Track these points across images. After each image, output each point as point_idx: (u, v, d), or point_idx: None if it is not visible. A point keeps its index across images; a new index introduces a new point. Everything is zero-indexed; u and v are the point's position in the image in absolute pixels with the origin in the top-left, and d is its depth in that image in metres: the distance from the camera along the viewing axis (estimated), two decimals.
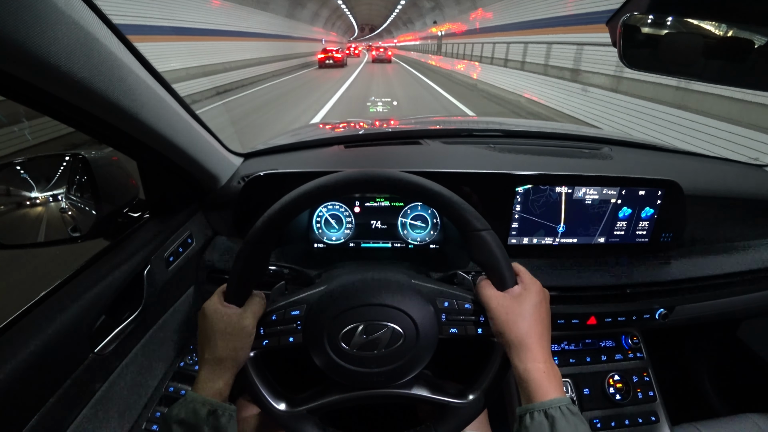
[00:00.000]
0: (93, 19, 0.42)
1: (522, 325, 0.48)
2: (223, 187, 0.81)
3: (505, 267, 0.51)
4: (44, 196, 0.63)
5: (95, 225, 0.64)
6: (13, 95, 0.41)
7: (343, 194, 0.53)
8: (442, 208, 0.51)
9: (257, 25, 15.85)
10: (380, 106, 8.00)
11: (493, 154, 0.91)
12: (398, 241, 0.85)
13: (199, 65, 10.07)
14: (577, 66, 7.37)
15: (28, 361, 0.45)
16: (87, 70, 0.41)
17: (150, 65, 0.54)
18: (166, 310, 0.73)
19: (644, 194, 0.79)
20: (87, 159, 0.64)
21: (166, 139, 0.59)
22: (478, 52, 14.87)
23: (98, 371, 0.56)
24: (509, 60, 11.31)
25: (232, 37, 13.16)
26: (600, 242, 0.83)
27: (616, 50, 0.60)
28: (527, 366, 0.46)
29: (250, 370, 0.53)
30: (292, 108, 7.87)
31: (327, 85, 11.96)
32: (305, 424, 0.54)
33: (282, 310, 0.54)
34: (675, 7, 0.55)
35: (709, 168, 1.01)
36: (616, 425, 0.80)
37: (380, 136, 1.16)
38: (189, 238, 0.77)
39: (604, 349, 0.88)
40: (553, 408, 0.43)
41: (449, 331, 0.53)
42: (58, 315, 0.50)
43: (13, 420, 0.44)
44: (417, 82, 13.68)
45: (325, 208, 0.84)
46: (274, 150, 0.98)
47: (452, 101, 9.07)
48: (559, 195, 0.79)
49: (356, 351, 0.51)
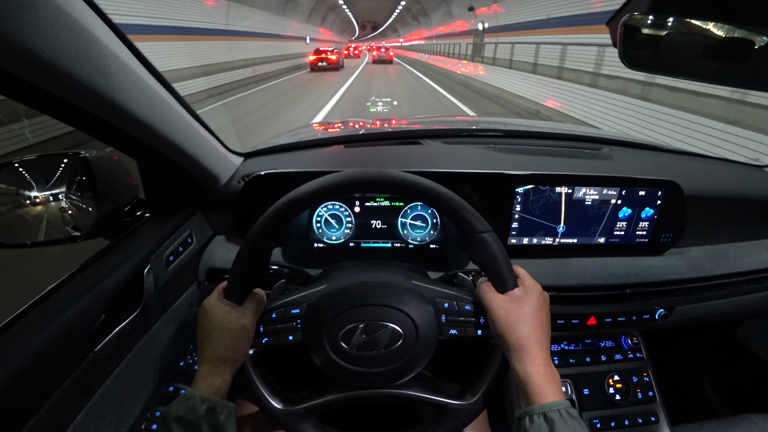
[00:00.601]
0: (93, 18, 0.42)
1: (522, 328, 0.48)
2: (223, 186, 0.81)
3: (506, 269, 0.51)
4: (44, 196, 0.63)
5: (95, 224, 0.64)
6: (13, 94, 0.41)
7: (345, 194, 0.53)
8: (443, 209, 0.51)
9: (228, 22, 12.37)
10: (380, 106, 8.00)
11: (494, 154, 0.91)
12: (398, 241, 0.85)
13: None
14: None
15: (28, 360, 0.45)
16: (87, 70, 0.41)
17: (150, 64, 0.54)
18: (165, 310, 0.73)
19: (644, 194, 0.79)
20: (87, 158, 0.64)
21: (166, 139, 0.59)
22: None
23: (98, 371, 0.56)
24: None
25: (199, 36, 10.12)
26: (600, 242, 0.83)
27: (617, 51, 0.60)
28: (527, 369, 0.46)
29: (248, 367, 0.53)
30: (267, 129, 6.17)
31: (316, 94, 9.93)
32: (303, 422, 0.54)
33: (282, 309, 0.54)
34: (675, 7, 0.55)
35: (709, 168, 1.01)
36: (615, 425, 0.80)
37: (380, 135, 1.16)
38: (189, 238, 0.77)
39: (603, 349, 0.88)
40: (552, 411, 0.43)
41: (449, 332, 0.53)
42: (58, 314, 0.50)
43: (13, 419, 0.44)
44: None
45: (325, 208, 0.84)
46: (274, 150, 0.98)
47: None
48: (559, 195, 0.79)
49: (356, 351, 0.51)
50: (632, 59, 0.60)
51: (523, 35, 10.89)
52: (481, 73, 13.36)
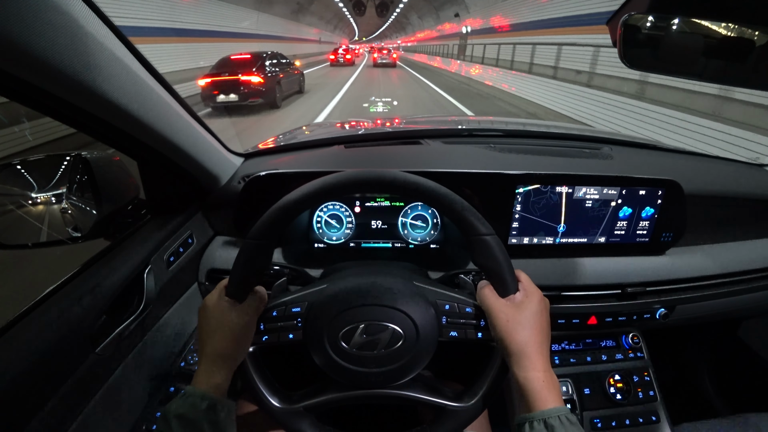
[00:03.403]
0: (93, 19, 0.42)
1: (522, 333, 0.48)
2: (224, 187, 0.81)
3: (508, 273, 0.50)
4: (45, 197, 0.63)
5: (96, 225, 0.64)
6: (14, 96, 0.41)
7: (348, 193, 0.53)
8: (445, 210, 0.51)
9: (207, 21, 11.77)
10: (380, 106, 7.99)
11: (494, 153, 0.91)
12: (398, 240, 0.85)
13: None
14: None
15: (28, 361, 0.45)
16: (88, 71, 0.41)
17: (150, 66, 0.54)
18: (166, 311, 0.73)
19: (644, 194, 0.79)
20: (88, 159, 0.64)
21: (167, 139, 0.59)
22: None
23: (99, 371, 0.56)
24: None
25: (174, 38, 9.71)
26: (600, 242, 0.83)
27: (616, 50, 0.60)
28: (527, 375, 0.46)
29: (248, 365, 0.53)
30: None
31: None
32: (302, 421, 0.54)
33: (283, 307, 0.54)
34: (675, 7, 0.55)
35: (709, 167, 1.01)
36: (616, 425, 0.80)
37: (380, 135, 1.16)
38: (189, 238, 0.77)
39: (604, 348, 0.88)
40: (552, 418, 0.43)
41: (449, 334, 0.53)
42: (59, 315, 0.50)
43: (14, 420, 0.44)
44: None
45: (326, 208, 0.84)
46: (274, 150, 0.98)
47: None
48: (560, 195, 0.79)
49: (356, 350, 0.51)
50: (632, 59, 0.60)
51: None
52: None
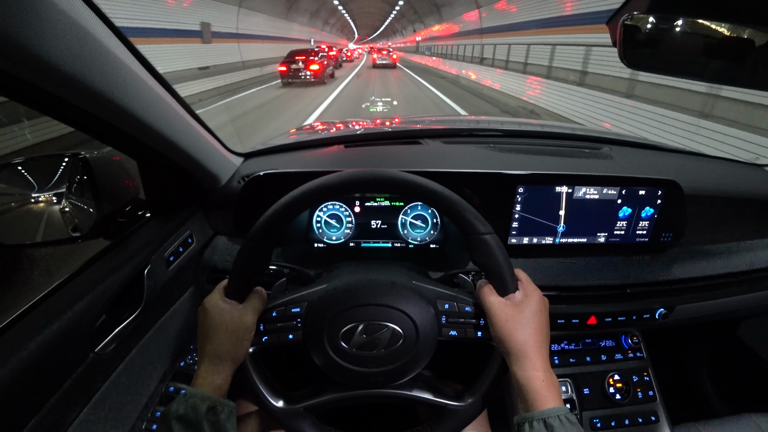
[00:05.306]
0: (93, 19, 0.42)
1: (522, 333, 0.48)
2: (224, 186, 0.81)
3: (507, 272, 0.50)
4: (45, 196, 0.63)
5: (95, 225, 0.64)
6: (14, 95, 0.41)
7: (347, 193, 0.53)
8: (445, 209, 0.51)
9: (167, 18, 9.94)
10: (380, 106, 7.99)
11: (494, 153, 0.91)
12: (398, 240, 0.85)
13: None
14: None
15: (28, 360, 0.45)
16: (88, 71, 0.41)
17: (150, 65, 0.54)
18: (166, 310, 0.73)
19: (644, 194, 0.79)
20: (87, 159, 0.64)
21: (167, 139, 0.59)
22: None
23: (98, 371, 0.56)
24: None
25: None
26: (600, 242, 0.83)
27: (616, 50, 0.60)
28: (526, 374, 0.46)
29: (248, 366, 0.53)
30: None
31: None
32: (302, 421, 0.54)
33: (282, 307, 0.54)
34: (675, 7, 0.55)
35: (709, 168, 1.01)
36: (616, 425, 0.80)
37: (380, 135, 1.16)
38: (189, 238, 0.77)
39: (604, 348, 0.88)
40: (552, 417, 0.43)
41: (449, 334, 0.53)
42: (58, 315, 0.50)
43: (13, 420, 0.44)
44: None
45: (325, 208, 0.84)
46: (274, 150, 0.98)
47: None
48: (560, 195, 0.79)
49: (356, 350, 0.51)
50: (632, 59, 0.60)
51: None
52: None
